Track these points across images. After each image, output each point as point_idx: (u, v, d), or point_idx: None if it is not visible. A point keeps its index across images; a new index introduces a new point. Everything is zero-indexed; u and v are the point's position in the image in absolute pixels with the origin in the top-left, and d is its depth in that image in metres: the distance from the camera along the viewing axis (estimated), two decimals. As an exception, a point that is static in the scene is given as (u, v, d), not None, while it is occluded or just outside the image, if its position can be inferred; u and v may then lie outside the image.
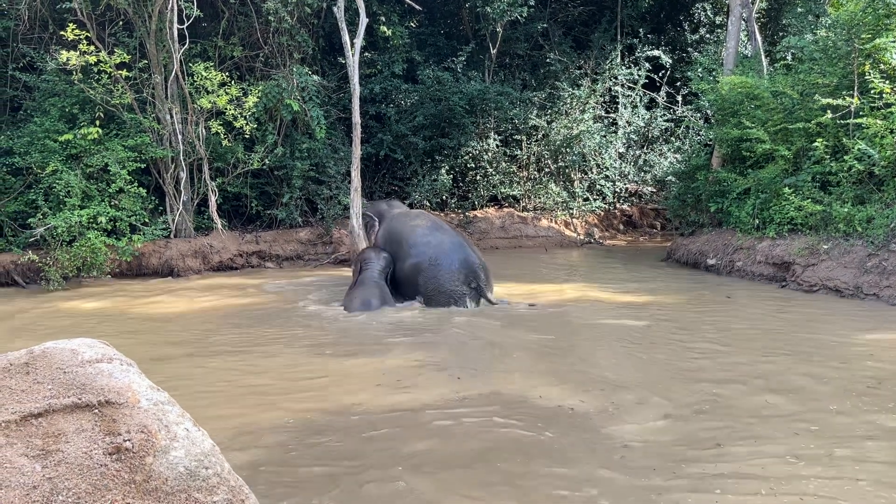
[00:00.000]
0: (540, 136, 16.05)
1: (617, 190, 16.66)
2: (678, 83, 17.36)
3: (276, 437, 4.31)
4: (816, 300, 8.38)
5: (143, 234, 11.02)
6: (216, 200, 11.73)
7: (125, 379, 2.06)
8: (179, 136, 11.52)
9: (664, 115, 16.95)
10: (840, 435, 4.13)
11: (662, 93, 17.14)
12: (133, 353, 2.68)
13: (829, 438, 4.08)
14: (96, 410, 1.94)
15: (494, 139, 15.58)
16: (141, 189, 11.17)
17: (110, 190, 10.87)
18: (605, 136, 16.20)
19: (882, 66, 9.48)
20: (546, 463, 3.88)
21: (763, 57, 12.58)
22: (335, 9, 11.76)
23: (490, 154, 15.52)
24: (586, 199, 16.08)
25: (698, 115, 16.81)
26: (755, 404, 4.70)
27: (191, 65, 11.60)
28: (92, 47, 10.78)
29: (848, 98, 9.44)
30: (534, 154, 16.05)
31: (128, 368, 2.13)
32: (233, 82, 11.85)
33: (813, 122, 9.76)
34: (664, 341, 6.53)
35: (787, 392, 4.93)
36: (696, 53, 17.35)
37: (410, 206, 14.67)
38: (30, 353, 2.09)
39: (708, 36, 18.42)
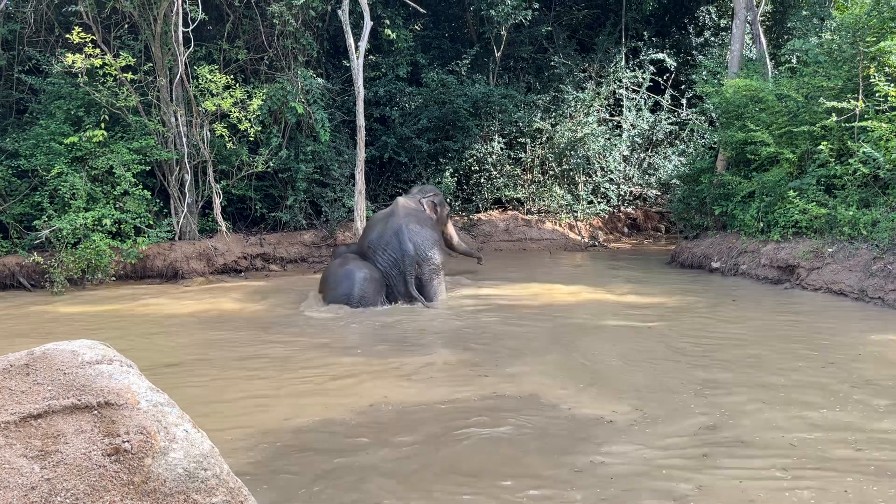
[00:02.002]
0: (544, 138, 16.04)
1: (621, 193, 16.62)
2: (683, 86, 17.33)
3: (280, 438, 4.31)
4: (821, 304, 8.34)
5: (148, 236, 11.05)
6: (220, 203, 11.75)
7: (125, 380, 2.06)
8: (184, 139, 11.56)
9: (668, 118, 16.91)
10: (833, 448, 4.05)
11: (667, 96, 17.11)
12: (135, 355, 2.69)
13: (822, 451, 4.00)
14: (96, 412, 1.95)
15: (499, 142, 15.57)
16: (146, 191, 11.20)
17: (115, 192, 10.90)
18: (609, 139, 16.17)
19: (887, 69, 9.46)
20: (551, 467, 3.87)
21: (768, 60, 12.55)
22: (340, 12, 11.80)
23: (494, 157, 15.51)
24: (590, 202, 16.05)
25: (703, 118, 16.77)
26: (752, 412, 4.64)
27: (196, 68, 11.63)
28: (97, 50, 10.82)
29: (853, 101, 9.41)
30: (538, 157, 16.03)
31: (128, 370, 2.14)
32: (237, 85, 11.87)
33: (818, 125, 9.72)
34: (670, 346, 6.51)
35: (785, 400, 4.88)
36: (700, 56, 17.30)
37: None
38: (30, 355, 2.10)
39: (712, 39, 18.38)
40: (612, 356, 6.15)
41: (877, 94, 9.27)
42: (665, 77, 17.15)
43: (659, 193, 17.08)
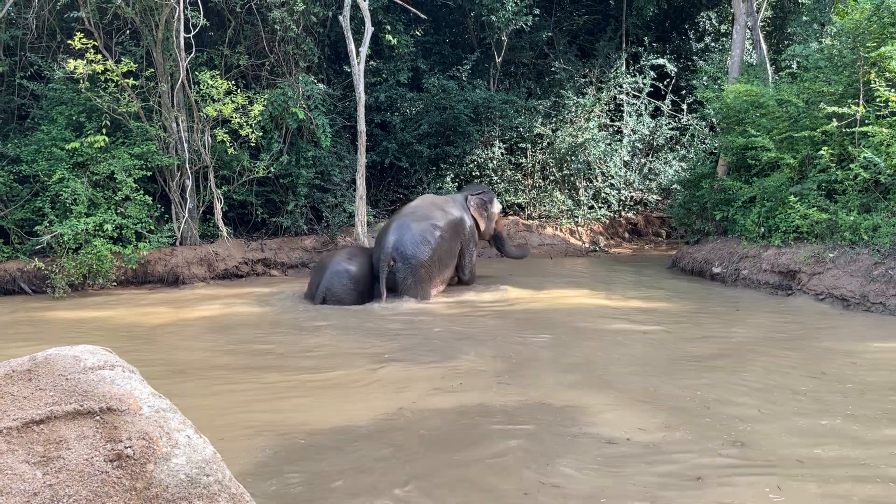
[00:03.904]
0: (545, 144, 16.06)
1: (622, 198, 16.63)
2: (683, 91, 17.36)
3: (287, 445, 4.30)
4: (822, 309, 8.33)
5: (149, 241, 11.05)
6: (221, 208, 11.76)
7: (127, 386, 2.06)
8: (185, 144, 11.57)
9: (669, 123, 16.94)
10: (837, 461, 3.93)
11: (667, 101, 17.13)
12: (136, 361, 2.69)
13: (825, 468, 3.85)
14: (98, 417, 1.94)
15: (499, 147, 15.59)
16: (147, 197, 11.20)
17: (116, 198, 10.91)
18: (609, 145, 16.19)
19: (887, 75, 9.46)
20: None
21: (768, 65, 12.57)
22: (341, 18, 11.83)
23: (495, 162, 15.54)
24: (591, 208, 16.07)
25: (703, 123, 16.79)
26: (757, 427, 4.54)
27: (197, 73, 11.66)
28: (99, 56, 10.84)
29: (853, 106, 9.42)
30: (539, 162, 16.06)
31: (130, 375, 2.13)
32: (239, 91, 11.90)
33: (818, 130, 9.73)
34: (675, 355, 6.48)
35: (791, 412, 4.78)
36: (701, 62, 17.35)
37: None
38: (32, 360, 2.10)
39: (713, 44, 18.43)
40: (619, 366, 6.10)
41: (877, 100, 9.28)
42: (665, 82, 17.18)
43: (660, 198, 17.09)
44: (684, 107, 17.23)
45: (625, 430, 4.44)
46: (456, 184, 15.21)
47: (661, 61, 16.69)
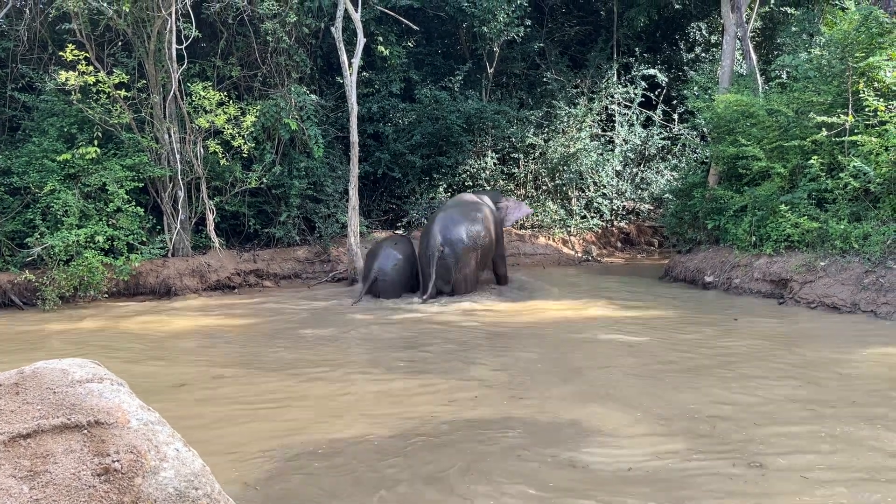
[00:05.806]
0: (537, 154, 16.11)
1: (614, 208, 16.68)
2: (674, 101, 17.44)
3: (276, 457, 4.27)
4: (814, 317, 8.35)
5: (141, 253, 11.01)
6: (214, 219, 11.74)
7: (115, 399, 2.05)
8: (177, 156, 11.55)
9: (661, 133, 17.01)
10: (843, 476, 3.82)
11: (659, 111, 17.21)
12: (127, 374, 2.67)
13: (831, 483, 3.75)
14: (85, 431, 1.93)
15: (492, 157, 15.63)
16: (139, 208, 11.17)
17: (108, 209, 10.87)
18: (602, 155, 16.25)
19: (876, 84, 9.54)
20: None
21: (758, 75, 12.65)
22: (333, 29, 11.86)
23: (487, 172, 15.57)
24: (584, 217, 16.11)
25: (694, 132, 16.85)
26: (748, 437, 4.51)
27: (189, 84, 11.65)
28: (91, 67, 10.83)
29: (842, 116, 9.49)
30: (531, 172, 16.10)
31: (118, 388, 2.12)
32: (231, 102, 11.90)
33: (808, 139, 9.80)
34: (667, 366, 6.48)
35: (783, 422, 4.75)
36: (691, 72, 17.43)
37: (408, 223, 14.71)
38: (20, 374, 2.08)
39: (703, 55, 18.53)
40: (611, 379, 6.06)
41: (866, 109, 9.35)
42: (657, 92, 17.26)
43: (652, 208, 17.14)
44: (675, 117, 17.31)
45: (610, 444, 4.42)
46: (449, 194, 15.23)
47: (652, 71, 16.77)
